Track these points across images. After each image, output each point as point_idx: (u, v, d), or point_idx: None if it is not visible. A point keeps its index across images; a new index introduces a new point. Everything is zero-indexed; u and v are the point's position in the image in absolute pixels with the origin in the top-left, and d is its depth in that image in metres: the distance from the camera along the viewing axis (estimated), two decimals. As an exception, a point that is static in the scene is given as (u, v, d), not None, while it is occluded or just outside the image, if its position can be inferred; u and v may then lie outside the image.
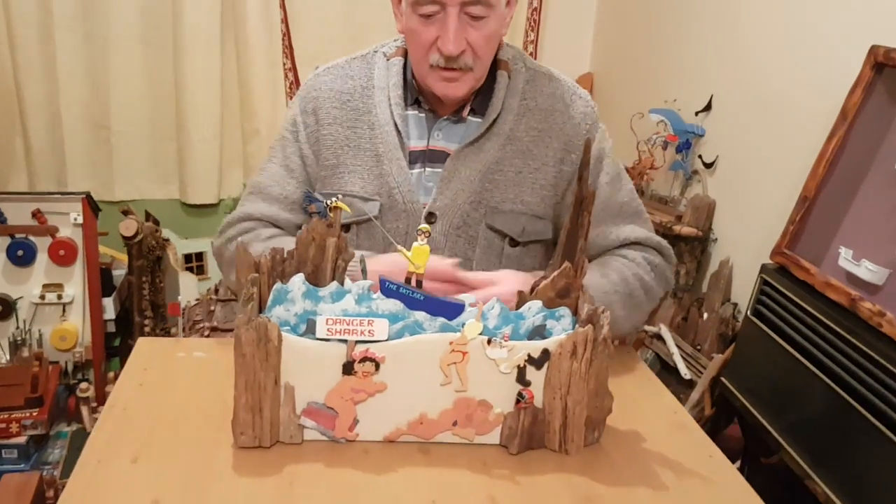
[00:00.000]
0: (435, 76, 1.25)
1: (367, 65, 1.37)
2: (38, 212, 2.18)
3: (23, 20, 2.78)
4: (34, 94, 2.87)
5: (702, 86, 2.44)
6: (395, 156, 1.31)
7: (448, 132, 1.33)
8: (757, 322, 1.61)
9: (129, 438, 1.04)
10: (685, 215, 2.38)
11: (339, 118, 1.35)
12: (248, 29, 2.97)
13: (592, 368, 1.06)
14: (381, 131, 1.32)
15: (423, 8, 1.20)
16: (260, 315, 0.99)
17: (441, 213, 1.30)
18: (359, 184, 1.32)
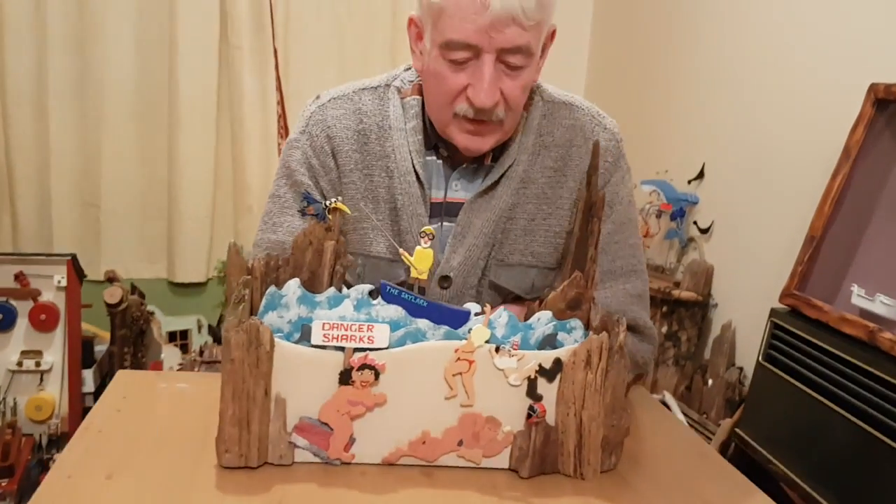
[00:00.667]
0: (458, 127, 1.12)
1: (381, 100, 1.21)
2: (20, 274, 2.11)
3: (18, 95, 2.81)
4: (25, 170, 2.85)
5: (693, 155, 2.46)
6: (415, 211, 1.17)
7: (465, 182, 1.21)
8: (770, 367, 1.54)
9: (104, 456, 0.94)
10: (683, 282, 2.34)
11: (358, 163, 1.20)
12: (244, 107, 3.00)
13: (608, 380, 0.99)
14: (400, 181, 1.18)
15: (454, 53, 1.06)
16: (251, 317, 0.92)
17: (455, 274, 1.18)
18: (384, 243, 1.18)
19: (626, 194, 1.27)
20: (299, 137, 1.24)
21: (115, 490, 0.87)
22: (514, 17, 1.02)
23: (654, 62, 2.77)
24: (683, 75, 2.57)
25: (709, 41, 2.44)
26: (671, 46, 2.66)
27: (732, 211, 2.25)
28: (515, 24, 1.02)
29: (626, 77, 2.99)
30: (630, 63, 2.97)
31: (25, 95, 2.82)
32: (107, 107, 2.92)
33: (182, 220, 3.00)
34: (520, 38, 1.04)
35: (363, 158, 1.20)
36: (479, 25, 1.02)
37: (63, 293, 2.16)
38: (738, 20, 2.28)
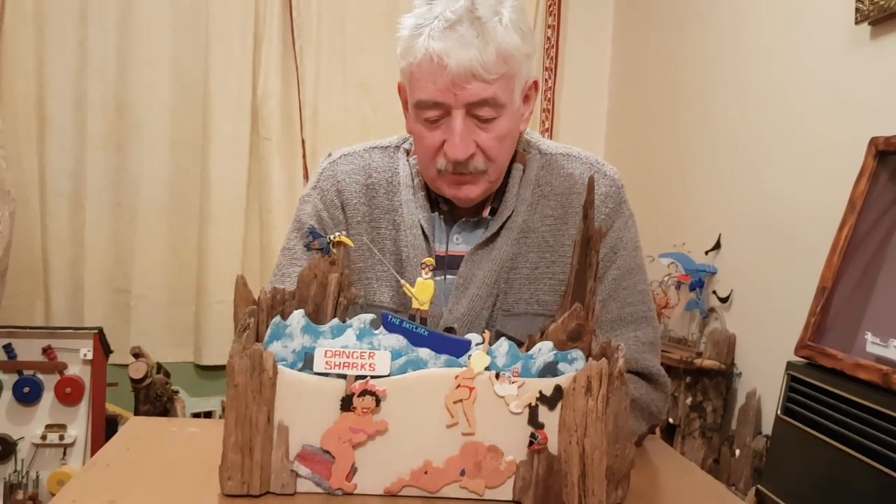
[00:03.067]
0: (444, 181, 1.17)
1: (390, 159, 1.27)
2: (48, 348, 2.17)
3: (57, 189, 2.96)
4: (59, 261, 2.96)
5: (709, 226, 2.48)
6: (418, 262, 1.16)
7: (467, 236, 1.24)
8: (789, 420, 1.51)
9: (109, 485, 0.96)
10: (706, 351, 2.31)
11: (366, 215, 1.24)
12: (272, 196, 3.11)
13: (609, 408, 0.98)
14: (406, 234, 1.21)
15: (426, 113, 1.12)
16: (255, 343, 0.95)
17: (460, 325, 1.19)
18: (387, 293, 1.21)
19: (629, 239, 1.28)
20: (311, 192, 1.30)
21: (116, 514, 0.88)
22: (474, 73, 1.06)
23: (668, 139, 2.85)
24: (696, 151, 2.63)
25: (718, 114, 2.50)
26: (684, 123, 2.74)
27: (751, 278, 2.24)
28: (476, 79, 1.07)
29: (642, 154, 3.06)
30: (645, 140, 3.05)
31: (64, 190, 2.97)
32: (141, 201, 3.05)
33: (210, 304, 3.07)
34: (484, 91, 1.08)
35: (370, 212, 1.24)
36: (442, 84, 1.07)
37: (89, 367, 2.21)
38: (745, 91, 2.35)
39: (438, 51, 1.07)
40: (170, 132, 3.07)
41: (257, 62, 3.08)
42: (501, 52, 1.08)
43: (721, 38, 2.52)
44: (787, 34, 2.12)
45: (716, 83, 2.53)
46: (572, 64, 3.37)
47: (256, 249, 3.18)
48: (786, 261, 2.04)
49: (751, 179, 2.28)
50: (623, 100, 3.31)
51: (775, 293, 2.09)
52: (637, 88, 3.18)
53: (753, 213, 2.25)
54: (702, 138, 2.60)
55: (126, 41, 3.00)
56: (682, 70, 2.77)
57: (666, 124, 2.88)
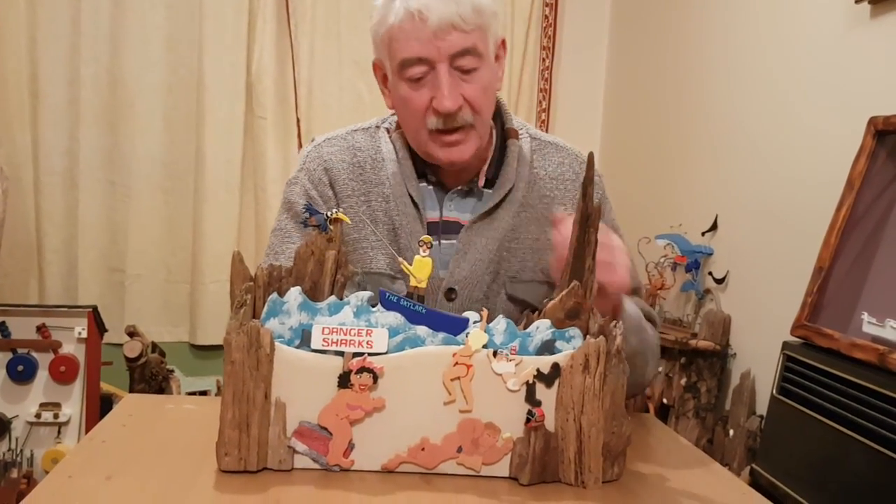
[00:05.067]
0: (435, 143, 1.19)
1: (372, 138, 1.30)
2: (42, 326, 2.16)
3: (50, 167, 2.93)
4: (53, 240, 2.95)
5: (706, 207, 2.47)
6: (413, 229, 1.23)
7: (459, 204, 1.27)
8: (784, 400, 1.52)
9: (106, 461, 0.95)
10: (700, 332, 2.32)
11: (355, 190, 1.26)
12: (267, 175, 3.09)
13: (607, 385, 0.99)
14: (396, 203, 1.24)
15: (411, 70, 1.15)
16: (252, 320, 0.95)
17: (461, 287, 1.22)
18: (384, 261, 1.24)
19: (611, 219, 1.35)
20: (298, 175, 1.31)
21: (113, 489, 0.88)
22: (454, 23, 1.12)
23: (665, 120, 2.84)
24: (692, 132, 2.63)
25: (715, 96, 2.49)
26: (680, 105, 2.73)
27: (747, 259, 2.24)
28: (456, 30, 1.13)
29: (640, 135, 3.05)
30: (642, 122, 3.04)
31: (57, 168, 2.94)
32: (135, 179, 3.03)
33: (205, 284, 3.06)
34: (464, 41, 1.13)
35: (360, 186, 1.27)
36: (424, 39, 1.13)
37: (83, 345, 2.20)
38: (743, 72, 2.33)
39: (418, 6, 1.12)
40: (163, 110, 3.04)
41: (251, 40, 3.04)
42: (475, 4, 1.14)
43: (719, 17, 2.50)
44: (787, 13, 2.11)
45: (713, 63, 2.52)
46: (569, 44, 3.36)
47: (251, 228, 3.16)
48: (783, 241, 2.04)
49: (748, 160, 2.28)
50: (620, 80, 3.30)
51: (771, 274, 2.09)
52: (634, 68, 3.16)
53: (750, 193, 2.24)
54: (699, 119, 2.59)
55: (119, 18, 2.96)
56: (679, 50, 2.76)
57: (663, 105, 2.87)
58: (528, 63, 3.29)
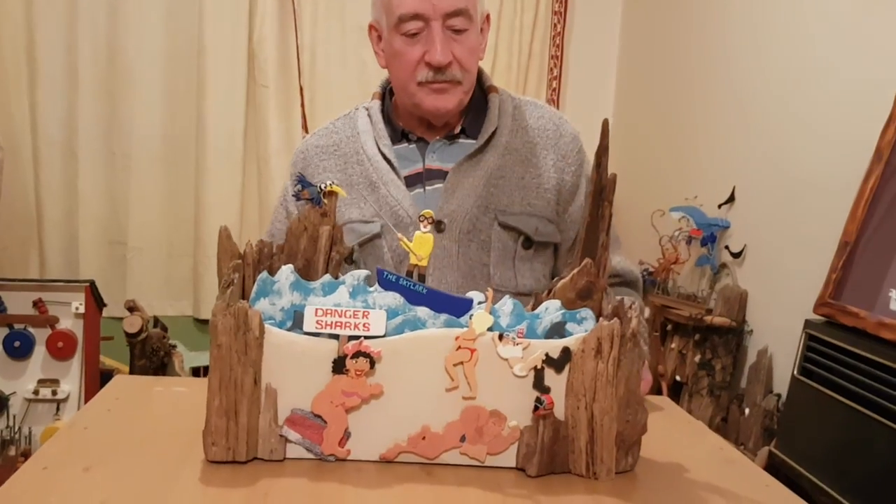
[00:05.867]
0: (424, 91, 1.26)
1: (351, 120, 1.39)
2: (39, 301, 2.11)
3: (49, 138, 2.87)
4: (53, 212, 2.90)
5: (723, 179, 2.39)
6: (389, 178, 1.30)
7: (442, 154, 1.33)
8: (806, 380, 1.45)
9: (85, 450, 0.90)
10: (716, 308, 2.25)
11: (328, 167, 1.35)
12: (269, 147, 3.03)
13: (621, 370, 0.92)
14: (371, 164, 1.32)
15: (406, 26, 1.23)
16: (240, 301, 0.88)
17: (450, 220, 1.26)
18: (357, 211, 1.30)
19: None
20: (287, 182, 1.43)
21: (90, 482, 0.82)
22: None
23: (681, 87, 2.74)
24: (710, 99, 2.53)
25: (735, 61, 2.40)
26: (697, 70, 2.63)
27: (765, 233, 2.16)
28: None
29: (653, 102, 2.96)
30: (657, 88, 2.94)
31: (56, 138, 2.89)
32: (135, 150, 2.98)
33: (208, 257, 3.00)
34: (458, 2, 1.22)
35: (336, 161, 1.35)
36: None
37: (81, 321, 2.15)
38: (764, 37, 2.24)
39: None
40: (163, 79, 2.98)
41: (253, 5, 2.96)
42: None
43: (739, -21, 2.39)
44: (811, -26, 2.01)
45: (733, 28, 2.42)
46: (582, 8, 3.25)
47: (255, 201, 3.10)
48: (804, 214, 1.95)
49: (767, 129, 2.19)
50: (634, 46, 3.19)
51: (792, 248, 2.01)
52: (649, 34, 3.05)
53: (770, 164, 2.16)
54: (716, 86, 2.49)
55: (117, -16, 2.88)
56: (697, 15, 2.65)
57: (679, 72, 2.77)
58: (538, 28, 3.18)
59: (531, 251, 1.30)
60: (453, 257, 1.26)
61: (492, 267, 1.27)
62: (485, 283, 1.26)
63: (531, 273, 1.30)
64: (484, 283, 1.26)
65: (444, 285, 1.25)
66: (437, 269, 1.26)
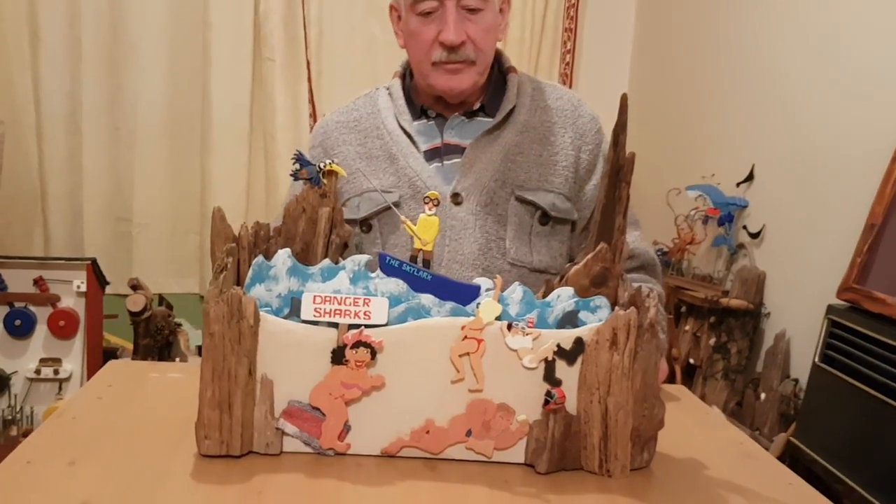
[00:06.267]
0: (438, 72, 1.26)
1: (371, 99, 1.39)
2: (39, 279, 2.07)
3: (52, 113, 2.82)
4: (57, 187, 2.86)
5: (741, 157, 2.32)
6: (409, 151, 1.29)
7: (460, 130, 1.32)
8: (828, 369, 1.39)
9: (72, 442, 0.86)
10: (732, 290, 2.19)
11: (348, 140, 1.35)
12: (276, 123, 2.97)
13: (638, 363, 0.87)
14: (390, 138, 1.32)
15: (421, 5, 1.23)
16: (234, 287, 0.83)
17: (467, 193, 1.25)
18: (376, 182, 1.30)
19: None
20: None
21: (74, 478, 0.78)
22: None
23: (700, 60, 2.65)
24: (729, 73, 2.45)
25: (756, 33, 2.31)
26: (717, 43, 2.54)
27: (785, 213, 2.09)
28: None
29: (670, 76, 2.87)
30: (674, 61, 2.86)
31: (59, 112, 2.84)
32: (139, 125, 2.93)
33: (214, 235, 2.95)
34: None
35: (356, 136, 1.34)
36: None
37: (83, 299, 2.11)
38: (786, 7, 2.15)
39: None
40: (167, 52, 2.91)
41: (259, -25, 2.88)
42: None
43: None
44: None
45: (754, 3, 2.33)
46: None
47: (261, 178, 3.05)
48: (827, 194, 1.88)
49: (789, 104, 2.11)
50: (651, 18, 3.10)
51: (813, 229, 1.94)
52: (666, 4, 2.96)
53: (791, 141, 2.08)
54: (735, 59, 2.41)
55: (119, -46, 2.81)
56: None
57: (697, 44, 2.68)
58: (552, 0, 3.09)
59: (548, 227, 1.28)
60: (470, 229, 1.24)
61: (508, 241, 1.25)
62: (501, 257, 1.25)
63: (547, 250, 1.28)
64: (500, 256, 1.25)
65: (461, 257, 1.23)
66: (454, 241, 1.24)
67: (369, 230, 1.29)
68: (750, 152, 2.28)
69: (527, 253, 1.26)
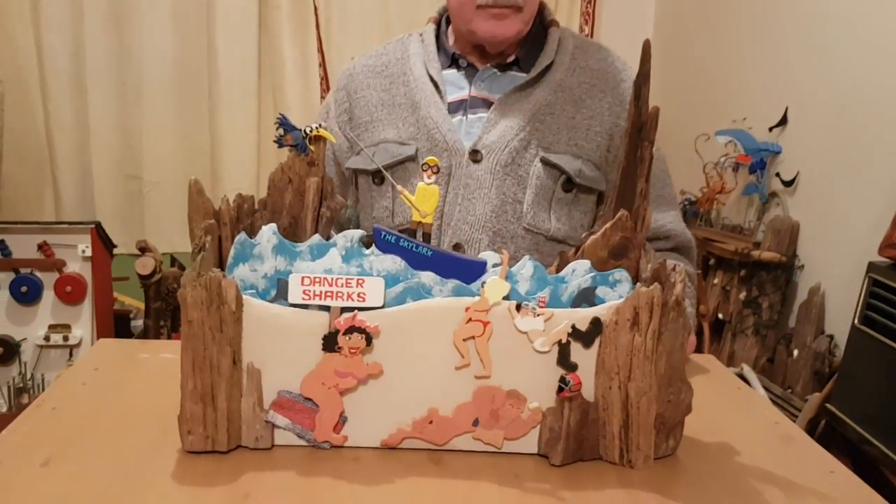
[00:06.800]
0: (483, 16, 1.18)
1: (402, 44, 1.32)
2: (44, 244, 2.02)
3: (56, 71, 2.75)
4: (65, 145, 2.81)
5: (774, 99, 2.18)
6: (432, 100, 1.21)
7: (490, 83, 1.24)
8: (867, 331, 1.30)
9: (49, 438, 0.79)
10: (764, 241, 2.08)
11: (373, 85, 1.28)
12: (285, 75, 2.87)
13: (662, 345, 0.78)
14: (416, 84, 1.24)
15: None
16: (213, 270, 0.75)
17: (487, 151, 1.17)
18: (393, 132, 1.23)
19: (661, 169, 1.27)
20: (327, 99, 1.36)
21: (47, 480, 0.72)
22: None
23: (728, -1, 2.49)
24: (761, 10, 2.29)
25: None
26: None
27: (821, 160, 1.97)
28: None
29: (699, 14, 2.71)
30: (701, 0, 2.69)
31: (64, 70, 2.77)
32: (145, 80, 2.85)
33: (226, 192, 2.86)
34: None
35: (381, 81, 1.27)
36: None
37: (89, 264, 2.06)
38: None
39: None
40: (171, 3, 2.80)
41: (262, -82, 2.75)
42: None
43: None
44: None
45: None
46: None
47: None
48: (866, 139, 1.76)
49: (825, 42, 1.96)
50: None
51: (851, 177, 1.82)
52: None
53: (828, 82, 1.95)
54: (769, -5, 2.25)
55: None
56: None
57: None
58: (571, -65, 2.92)
59: (571, 195, 1.19)
60: (486, 189, 1.16)
61: (526, 205, 1.16)
62: (515, 221, 1.16)
63: (568, 219, 1.19)
64: (514, 220, 1.16)
65: (472, 218, 1.15)
66: (466, 200, 1.15)
67: (381, 182, 1.22)
68: (783, 94, 2.15)
69: (545, 220, 1.17)
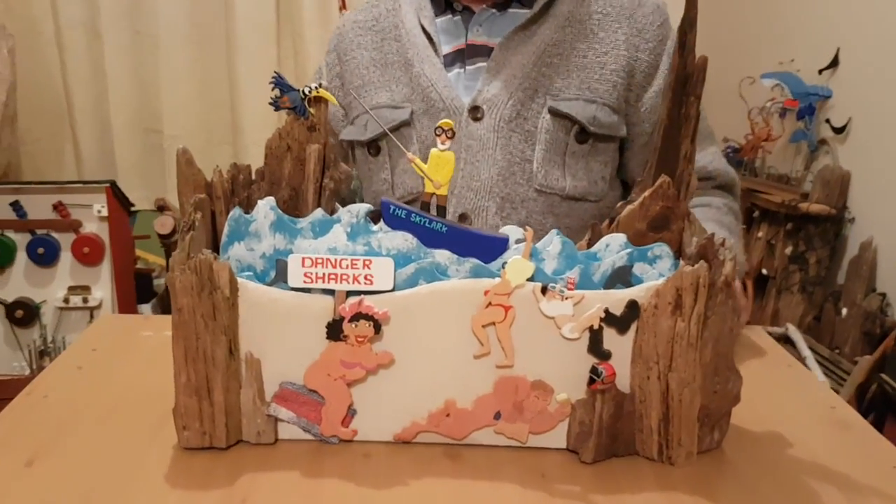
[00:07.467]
0: None
1: None
2: (59, 204, 1.97)
3: (70, 20, 2.66)
4: (83, 98, 2.73)
5: (825, 39, 2.04)
6: (425, 54, 1.11)
7: (489, 26, 1.13)
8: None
9: (36, 433, 0.74)
10: (813, 192, 1.96)
11: (363, 44, 1.18)
12: (304, 20, 2.75)
13: (708, 330, 0.69)
14: (408, 38, 1.14)
15: None
16: (204, 251, 0.67)
17: (489, 106, 1.06)
18: (386, 95, 1.13)
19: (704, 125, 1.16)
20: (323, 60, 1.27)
21: (30, 482, 0.66)
22: None
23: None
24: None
25: None
26: None
27: (874, 105, 1.84)
28: None
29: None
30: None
31: (78, 19, 2.68)
32: (162, 29, 2.74)
33: (247, 146, 2.83)
34: None
35: (373, 38, 1.18)
36: None
37: (106, 224, 2.01)
38: None
39: None
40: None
41: None
42: None
43: None
44: None
45: None
46: None
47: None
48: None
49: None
50: None
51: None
52: None
53: (882, 19, 1.80)
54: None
55: None
56: None
57: None
58: None
59: (587, 146, 1.07)
60: (490, 150, 1.05)
61: (535, 163, 1.06)
62: (525, 183, 1.06)
63: (586, 173, 1.08)
64: (524, 182, 1.06)
65: (476, 184, 1.05)
66: (469, 165, 1.06)
67: (377, 153, 1.13)
68: (834, 35, 2.00)
69: (559, 177, 1.06)
